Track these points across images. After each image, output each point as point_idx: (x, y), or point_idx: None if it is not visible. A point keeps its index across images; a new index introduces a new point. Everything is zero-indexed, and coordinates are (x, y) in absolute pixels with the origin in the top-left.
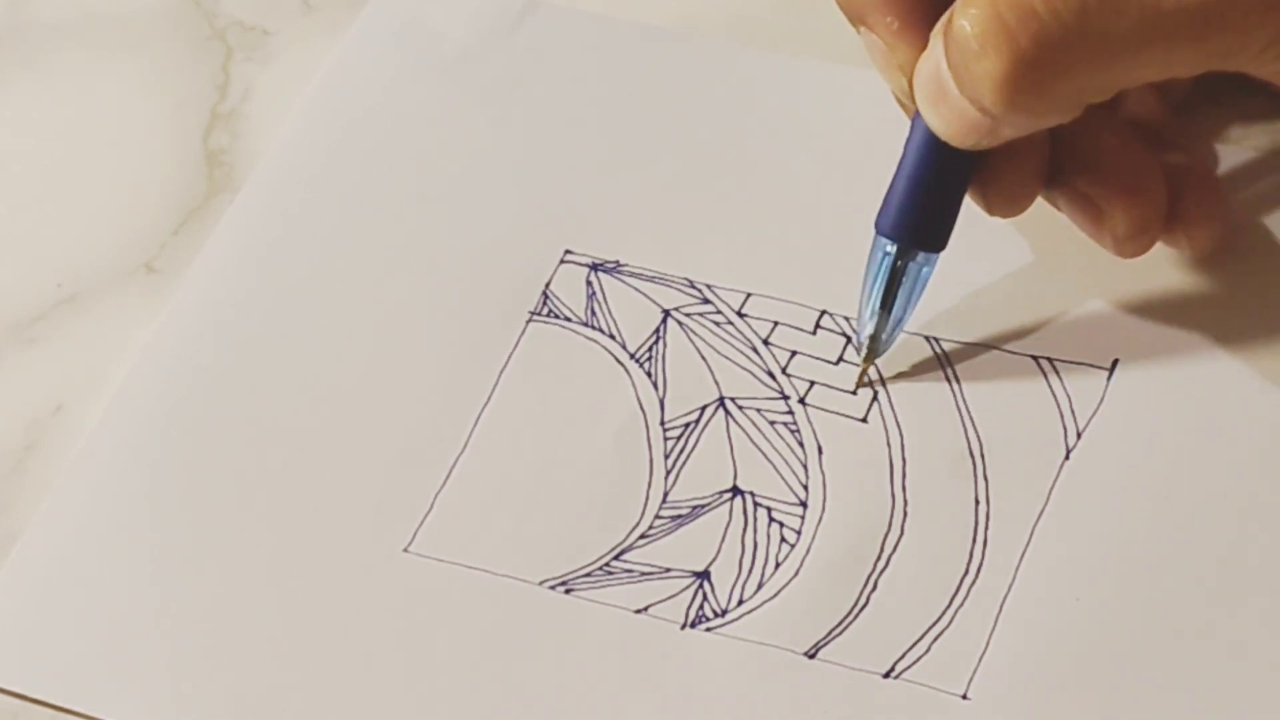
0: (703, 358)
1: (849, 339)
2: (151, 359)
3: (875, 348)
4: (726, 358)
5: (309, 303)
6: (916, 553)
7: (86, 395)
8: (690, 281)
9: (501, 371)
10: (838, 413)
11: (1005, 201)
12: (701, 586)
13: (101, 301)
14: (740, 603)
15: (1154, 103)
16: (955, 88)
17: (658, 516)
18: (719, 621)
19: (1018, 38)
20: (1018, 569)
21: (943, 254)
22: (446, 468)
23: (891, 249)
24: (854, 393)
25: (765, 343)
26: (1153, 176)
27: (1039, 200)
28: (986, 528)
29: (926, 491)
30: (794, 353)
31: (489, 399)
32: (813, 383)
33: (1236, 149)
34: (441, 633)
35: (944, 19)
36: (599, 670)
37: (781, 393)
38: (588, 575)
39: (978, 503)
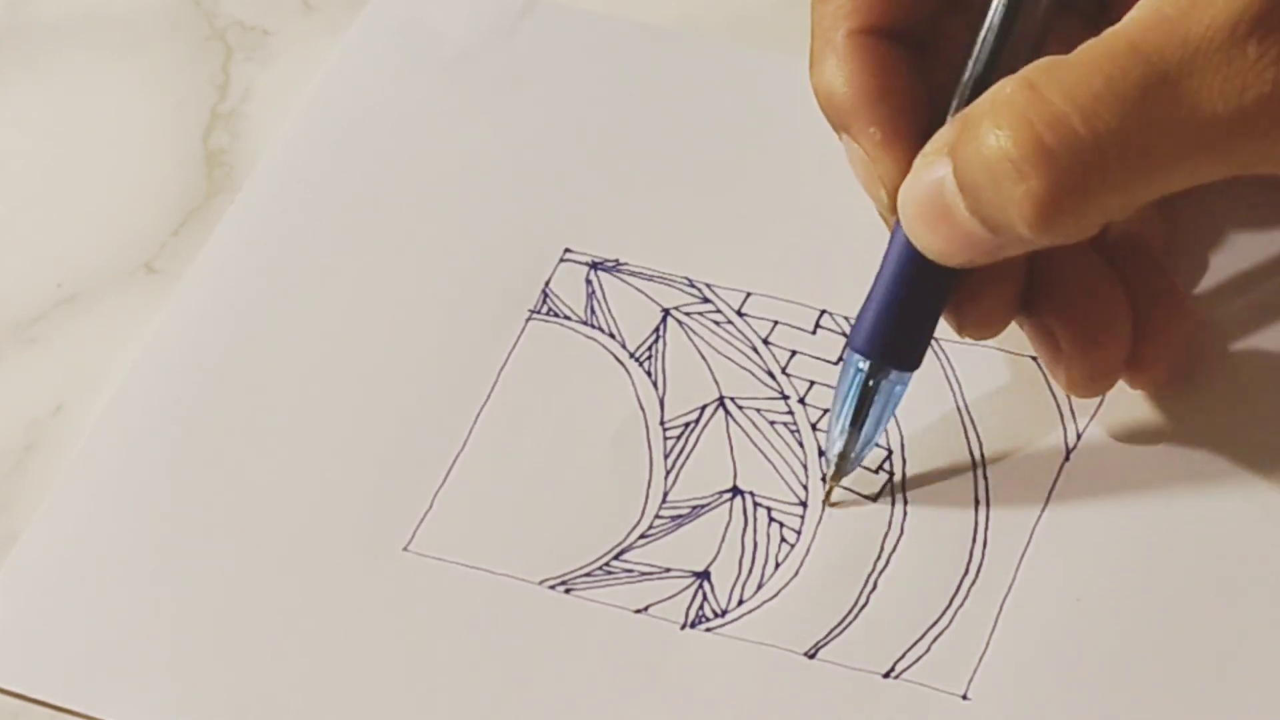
0: (702, 357)
1: (848, 339)
2: (151, 358)
3: (844, 467)
4: (726, 357)
5: (308, 302)
6: (916, 553)
7: (86, 395)
8: (690, 280)
9: (501, 370)
10: None
11: (979, 325)
12: (701, 586)
13: (101, 301)
14: (740, 603)
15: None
16: (964, 208)
17: (657, 516)
18: (719, 621)
19: (1059, 159)
20: (1018, 569)
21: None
22: (446, 467)
23: (864, 366)
24: (825, 503)
25: (765, 342)
26: (1118, 322)
27: None
28: (986, 528)
29: (926, 491)
30: (794, 352)
31: (488, 398)
32: (812, 382)
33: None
34: (441, 632)
35: (946, 134)
36: (599, 670)
37: (781, 392)
38: (587, 575)
39: (978, 503)
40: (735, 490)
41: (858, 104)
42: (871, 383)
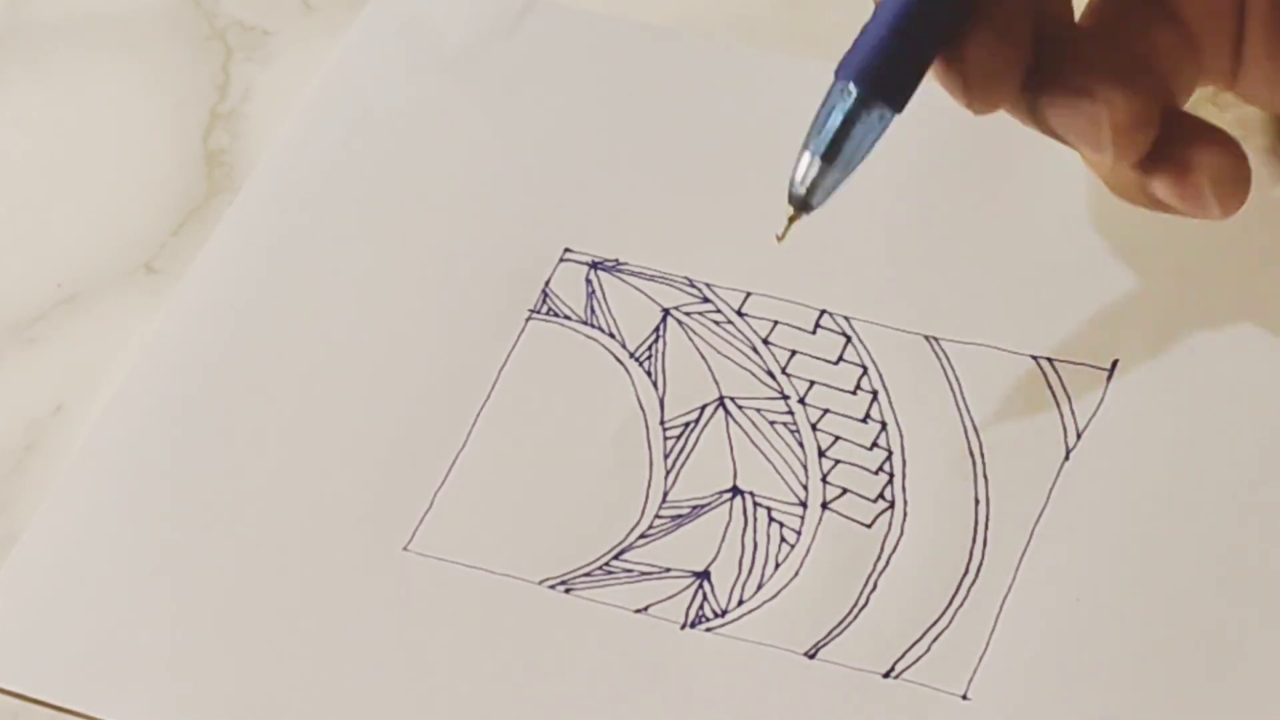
0: (702, 357)
1: (849, 338)
2: (152, 358)
3: (809, 200)
4: (726, 357)
5: (308, 302)
6: (916, 553)
7: (86, 395)
8: (690, 280)
9: (501, 370)
10: (838, 413)
11: (985, 84)
12: (701, 586)
13: (101, 301)
14: (740, 603)
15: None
16: None
17: (657, 516)
18: (719, 621)
19: None
20: (1018, 569)
21: (942, 250)
22: (446, 466)
23: (853, 93)
24: (779, 239)
25: (765, 342)
26: (1146, 65)
27: (1035, 209)
28: (986, 528)
29: (926, 491)
30: (794, 352)
31: (488, 397)
32: (812, 382)
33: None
34: (440, 632)
35: None
36: (598, 670)
37: (781, 392)
38: (587, 575)
39: (978, 503)
40: (735, 490)
41: None
42: (855, 113)
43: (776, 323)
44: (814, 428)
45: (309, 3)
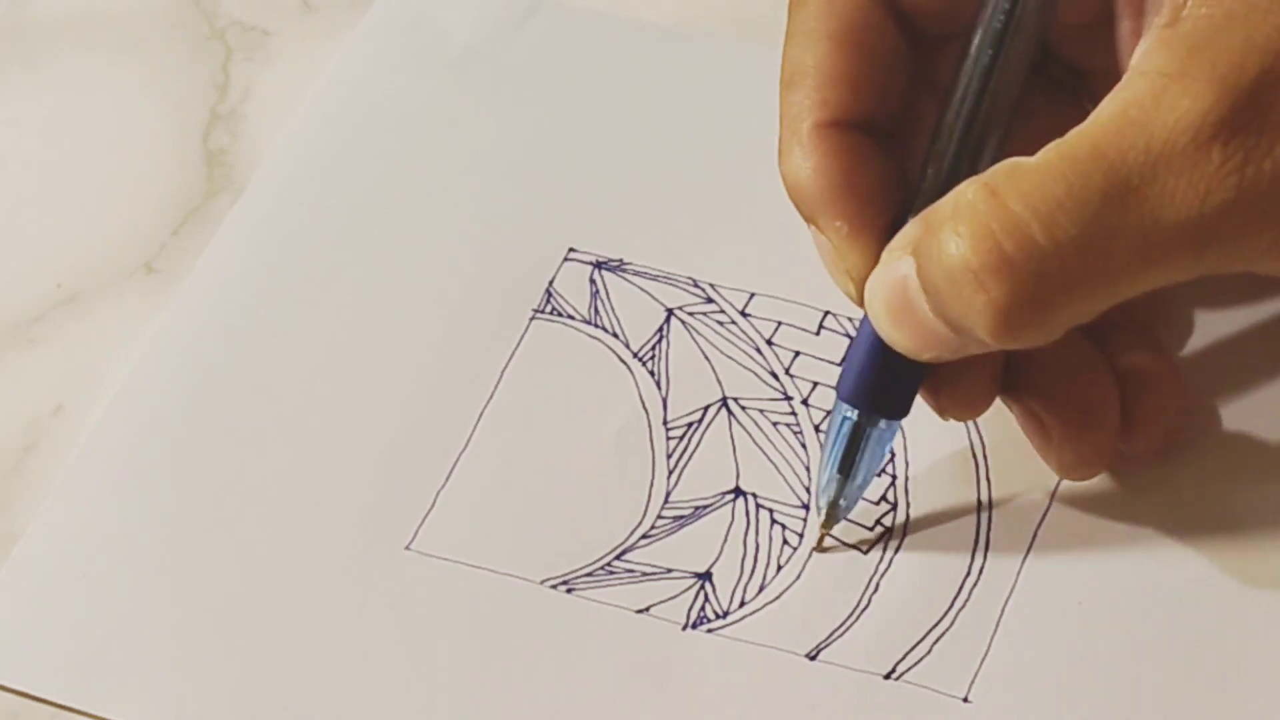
0: (706, 357)
1: (851, 340)
2: (153, 358)
3: (834, 514)
4: (730, 358)
5: (311, 301)
6: (918, 554)
7: (86, 395)
8: (694, 281)
9: (504, 369)
10: None
11: (959, 407)
12: (703, 587)
13: (101, 301)
14: (742, 604)
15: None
16: (926, 307)
17: (659, 516)
18: (720, 623)
19: (1019, 269)
20: (1019, 571)
21: None
22: (448, 466)
23: (852, 414)
24: (817, 550)
25: (769, 343)
26: (1105, 406)
27: None
28: (988, 530)
29: (928, 493)
30: (797, 353)
31: (491, 397)
32: (816, 384)
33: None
34: (442, 631)
35: (910, 232)
36: (600, 670)
37: (784, 393)
38: (589, 575)
39: (980, 504)
40: (738, 491)
41: (824, 197)
42: (859, 430)
43: (780, 323)
44: (817, 429)
45: (309, 3)
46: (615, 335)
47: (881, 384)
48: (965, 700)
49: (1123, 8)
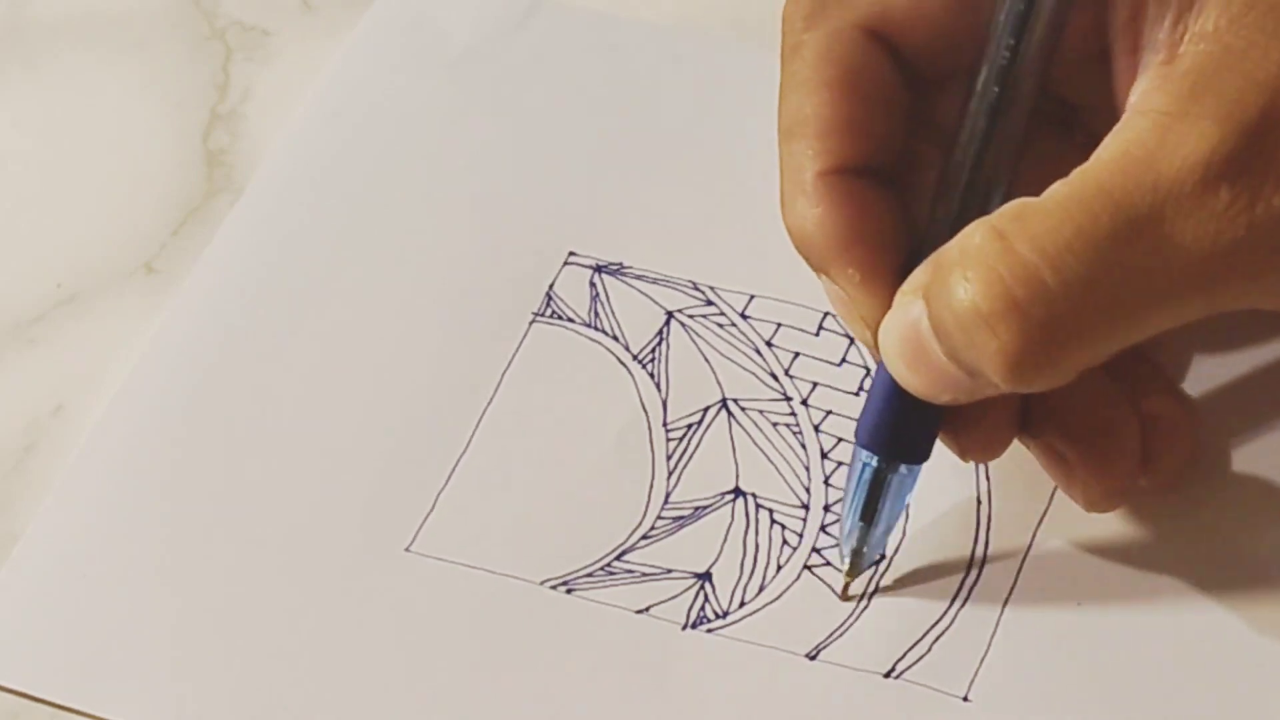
0: (705, 359)
1: (851, 341)
2: (153, 358)
3: (858, 563)
4: (729, 359)
5: (311, 303)
6: (918, 553)
7: (86, 395)
8: (694, 283)
9: (504, 372)
10: (841, 415)
11: (979, 448)
12: (703, 588)
13: (101, 301)
14: (742, 604)
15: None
16: (939, 350)
17: (659, 517)
18: (720, 623)
19: (1029, 313)
20: (1019, 570)
21: None
22: (449, 467)
23: (872, 461)
24: (842, 598)
25: (768, 344)
26: (1127, 437)
27: None
28: (988, 528)
29: (927, 492)
30: (797, 354)
31: (491, 399)
32: (815, 384)
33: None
34: (442, 632)
35: (921, 276)
36: (600, 671)
37: (784, 394)
38: (589, 575)
39: (979, 503)
40: (737, 492)
41: (832, 246)
42: (880, 476)
43: (780, 325)
44: (817, 430)
45: (309, 3)
46: (615, 338)
47: (900, 429)
48: (965, 699)
49: (1118, 42)
